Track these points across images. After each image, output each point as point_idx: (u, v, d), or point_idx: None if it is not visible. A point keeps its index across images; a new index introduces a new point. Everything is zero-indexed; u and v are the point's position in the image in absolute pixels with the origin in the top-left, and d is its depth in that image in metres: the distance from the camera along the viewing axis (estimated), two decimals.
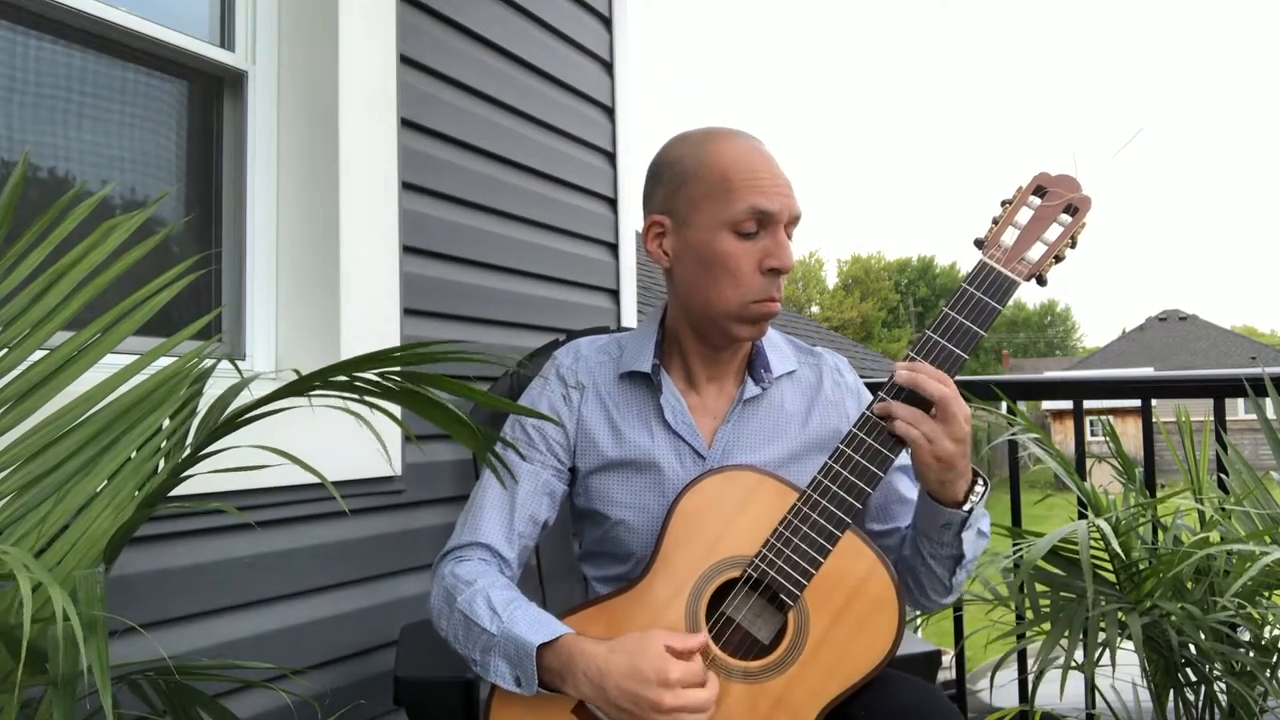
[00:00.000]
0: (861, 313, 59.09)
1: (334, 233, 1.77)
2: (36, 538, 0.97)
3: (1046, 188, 1.21)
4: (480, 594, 1.18)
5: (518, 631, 1.13)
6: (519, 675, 1.13)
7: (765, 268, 1.24)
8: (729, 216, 1.23)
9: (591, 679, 1.08)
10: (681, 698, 1.05)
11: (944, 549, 1.24)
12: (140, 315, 1.12)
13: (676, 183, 1.27)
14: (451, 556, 1.28)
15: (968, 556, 1.24)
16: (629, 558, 1.31)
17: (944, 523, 1.21)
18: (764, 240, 1.24)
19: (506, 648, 1.13)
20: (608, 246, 2.69)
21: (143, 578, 1.42)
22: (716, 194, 1.23)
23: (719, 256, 1.24)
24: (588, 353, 1.38)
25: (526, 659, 1.11)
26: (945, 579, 1.27)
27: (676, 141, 1.32)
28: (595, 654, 1.09)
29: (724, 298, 1.25)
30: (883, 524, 1.36)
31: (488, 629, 1.15)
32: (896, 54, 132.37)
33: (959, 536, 1.21)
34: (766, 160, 1.26)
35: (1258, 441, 1.97)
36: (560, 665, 1.11)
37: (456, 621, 1.19)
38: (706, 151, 1.26)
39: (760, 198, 1.22)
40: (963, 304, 1.18)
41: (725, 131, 1.29)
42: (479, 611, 1.17)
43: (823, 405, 1.36)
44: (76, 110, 1.58)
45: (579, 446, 1.33)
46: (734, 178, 1.23)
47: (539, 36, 2.42)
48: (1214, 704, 1.73)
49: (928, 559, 1.26)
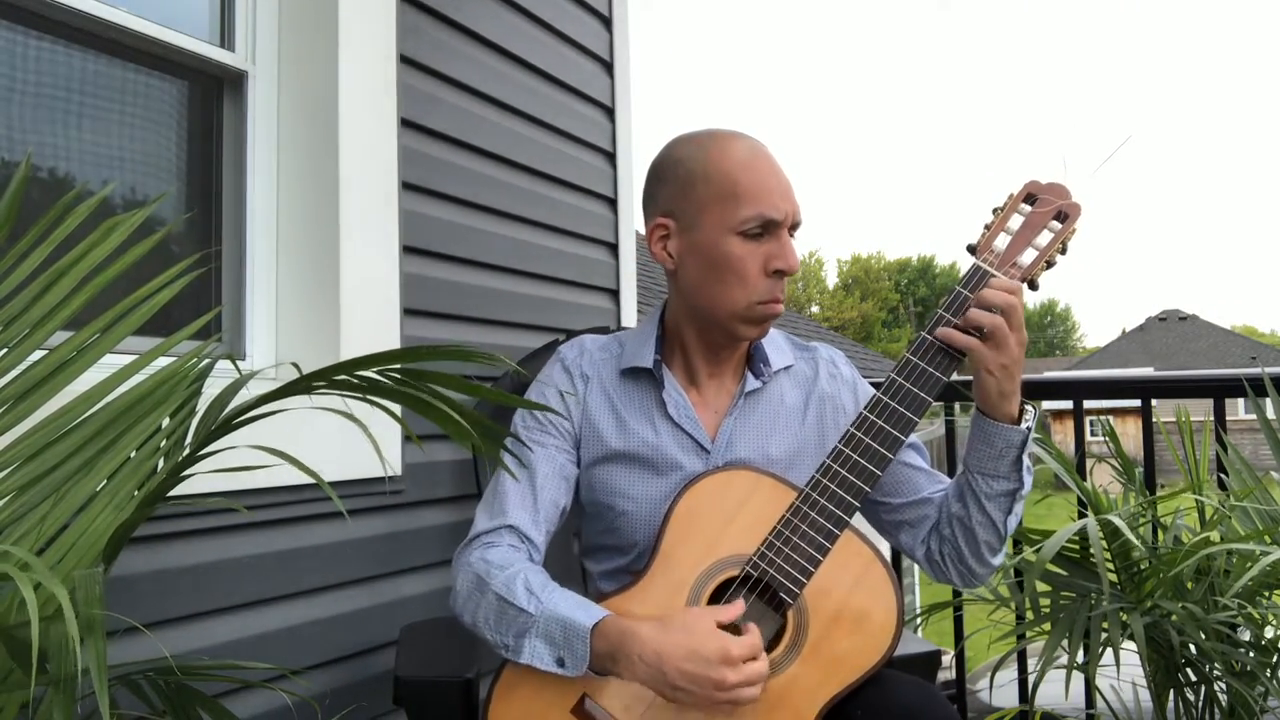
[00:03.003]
0: (861, 313, 59.09)
1: (334, 233, 1.77)
2: (36, 537, 0.97)
3: (1037, 195, 1.24)
4: (518, 576, 1.18)
5: (562, 612, 1.13)
6: (563, 655, 1.12)
7: (771, 269, 1.25)
8: (736, 222, 1.24)
9: (649, 661, 1.08)
10: (742, 672, 1.06)
11: (1001, 483, 1.23)
12: (140, 315, 1.12)
13: (682, 185, 1.28)
14: (480, 542, 1.27)
15: (1025, 488, 1.25)
16: (631, 549, 1.31)
17: (1005, 445, 1.21)
18: (769, 243, 1.25)
19: (549, 628, 1.13)
20: (608, 246, 2.69)
21: (142, 578, 1.42)
22: (724, 199, 1.24)
23: (726, 259, 1.25)
24: (591, 347, 1.40)
25: (578, 640, 1.11)
26: (1001, 523, 1.26)
27: (680, 143, 1.32)
28: (649, 637, 1.09)
29: (730, 299, 1.26)
30: (906, 497, 1.35)
31: (526, 609, 1.15)
32: (896, 54, 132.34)
33: (1017, 463, 1.22)
34: (772, 165, 1.27)
35: (1258, 441, 1.97)
36: (609, 647, 1.11)
37: (489, 606, 1.18)
38: (712, 155, 1.26)
39: (767, 206, 1.24)
40: (957, 306, 1.20)
41: (729, 134, 1.30)
42: (517, 593, 1.16)
43: (819, 397, 1.38)
44: (77, 110, 1.58)
45: (584, 436, 1.34)
46: (742, 183, 1.24)
47: (539, 36, 2.42)
48: (1214, 704, 1.73)
49: (983, 502, 1.25)
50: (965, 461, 1.27)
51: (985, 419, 1.22)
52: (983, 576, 1.32)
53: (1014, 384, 1.19)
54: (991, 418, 1.22)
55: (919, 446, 1.38)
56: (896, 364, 1.21)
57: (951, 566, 1.32)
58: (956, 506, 1.28)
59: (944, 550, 1.31)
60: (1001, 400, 1.20)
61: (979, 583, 1.35)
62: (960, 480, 1.28)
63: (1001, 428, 1.21)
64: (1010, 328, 1.16)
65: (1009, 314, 1.16)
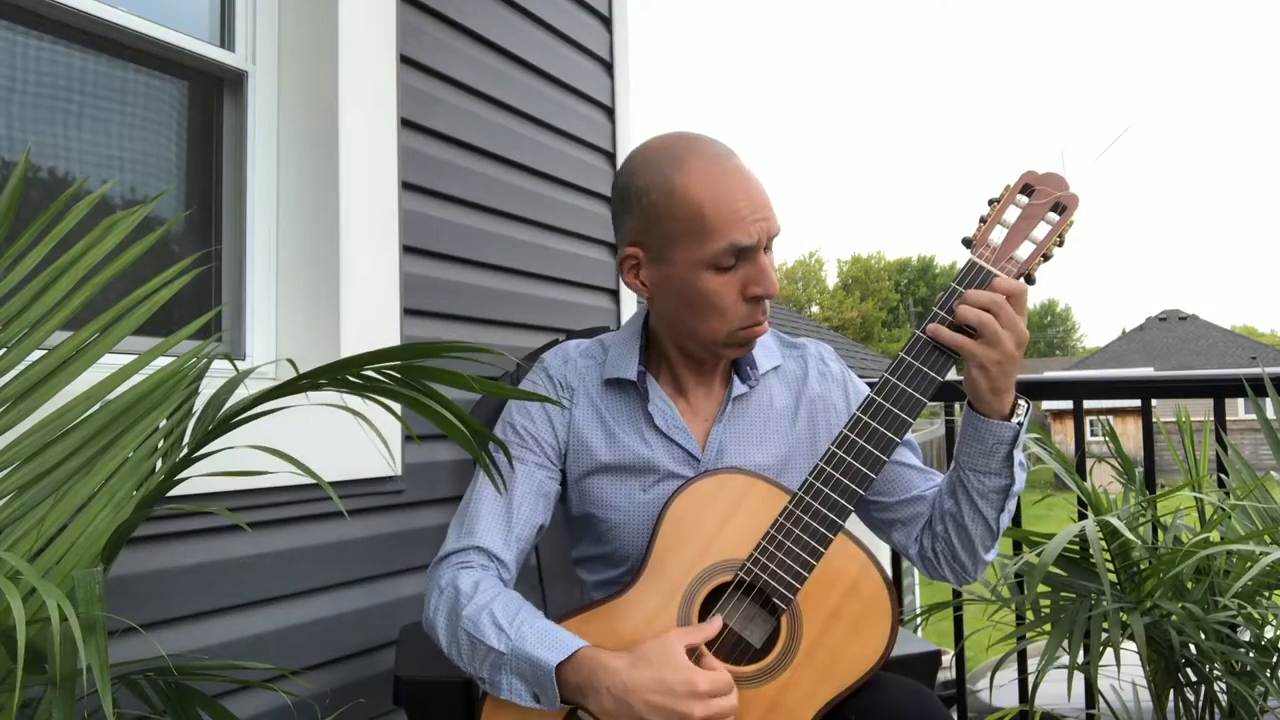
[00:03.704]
0: (861, 313, 59.09)
1: (334, 232, 1.77)
2: (35, 538, 0.97)
3: (1034, 186, 1.20)
4: (484, 611, 1.15)
5: (528, 650, 1.10)
6: (537, 693, 1.10)
7: (749, 296, 1.20)
8: (707, 255, 1.18)
9: (616, 694, 1.06)
10: (710, 707, 1.04)
11: (992, 479, 1.22)
12: (139, 314, 1.12)
13: (647, 218, 1.21)
14: (449, 562, 1.24)
15: (1017, 485, 1.23)
16: (624, 561, 1.30)
17: (995, 442, 1.19)
18: (744, 269, 1.20)
19: (520, 666, 1.11)
20: (608, 246, 2.69)
21: (141, 578, 1.42)
22: (692, 233, 1.18)
23: (701, 294, 1.20)
24: (574, 356, 1.36)
25: (545, 679, 1.08)
26: (993, 520, 1.24)
27: (642, 167, 1.23)
28: (618, 669, 1.07)
29: (709, 330, 1.23)
30: (898, 495, 1.34)
31: (496, 648, 1.12)
32: (896, 54, 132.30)
33: (1008, 459, 1.20)
34: (740, 183, 1.19)
35: (1258, 441, 1.97)
36: (581, 681, 1.08)
37: (461, 640, 1.16)
38: (676, 183, 1.18)
39: (738, 234, 1.17)
40: (950, 303, 1.17)
41: (692, 151, 1.21)
42: (484, 630, 1.13)
43: (809, 397, 1.35)
44: (76, 110, 1.58)
45: (571, 449, 1.31)
46: (709, 215, 1.17)
47: (539, 36, 2.42)
48: (1214, 704, 1.73)
49: (975, 499, 1.23)
50: (957, 457, 1.25)
51: (975, 414, 1.21)
52: (976, 573, 1.31)
53: (1007, 381, 1.16)
54: (981, 413, 1.20)
55: (911, 443, 1.36)
56: (891, 363, 1.19)
57: (945, 563, 1.31)
58: (949, 503, 1.27)
59: (937, 547, 1.30)
60: (993, 397, 1.17)
61: (973, 579, 1.33)
62: (952, 476, 1.27)
63: (991, 423, 1.19)
64: (1000, 324, 1.13)
65: (997, 311, 1.13)
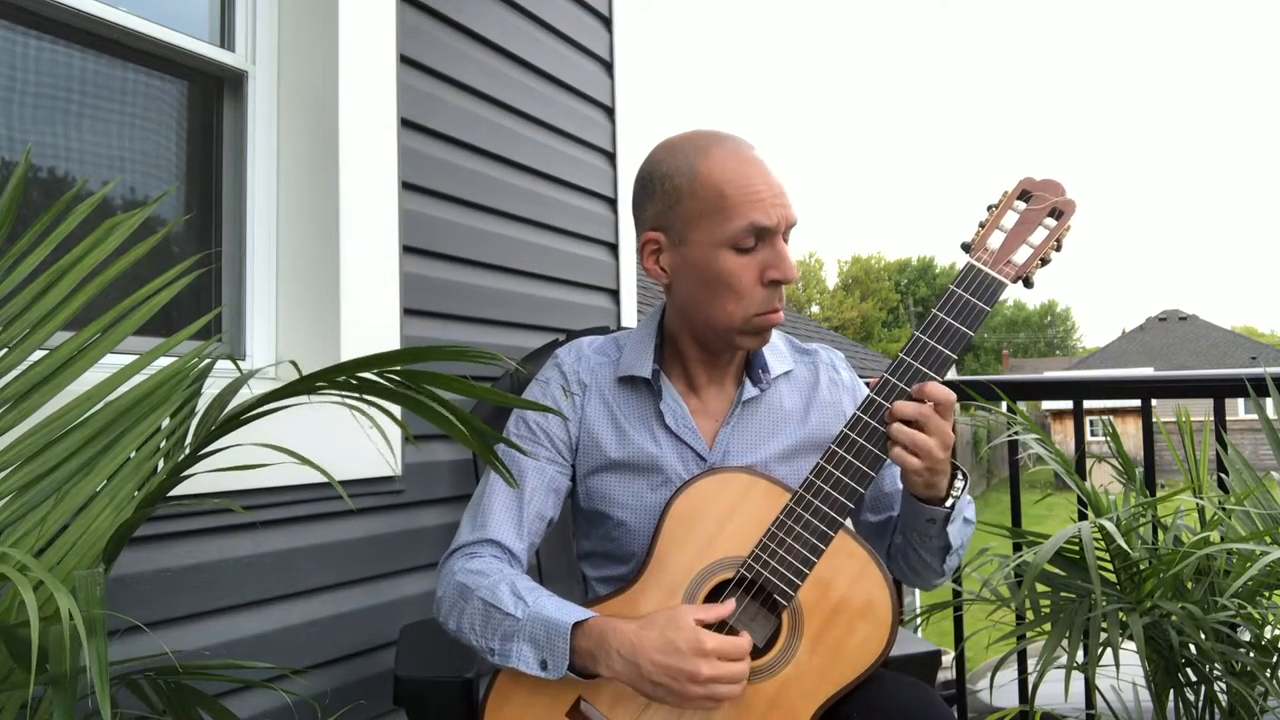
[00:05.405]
0: (861, 313, 59.11)
1: (334, 233, 1.77)
2: (36, 538, 0.97)
3: (1032, 191, 1.22)
4: (504, 582, 1.18)
5: (547, 613, 1.13)
6: (545, 658, 1.12)
7: (767, 280, 1.23)
8: (727, 235, 1.21)
9: (625, 655, 1.08)
10: (718, 667, 1.05)
11: (931, 540, 1.26)
12: (140, 315, 1.12)
13: (669, 200, 1.24)
14: (461, 553, 1.27)
15: (955, 545, 1.27)
16: (629, 558, 1.31)
17: (929, 519, 1.23)
18: (763, 252, 1.23)
19: (534, 630, 1.13)
20: (608, 246, 2.69)
21: (142, 578, 1.42)
22: (713, 212, 1.21)
23: (720, 274, 1.22)
24: (588, 353, 1.38)
25: (559, 639, 1.11)
26: (936, 565, 1.30)
27: (665, 153, 1.28)
28: (627, 630, 1.09)
29: (727, 313, 1.24)
30: (879, 514, 1.39)
31: (512, 613, 1.15)
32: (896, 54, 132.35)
33: (944, 530, 1.24)
34: (760, 170, 1.23)
35: (1258, 441, 1.97)
36: (592, 645, 1.10)
37: (474, 611, 1.18)
38: (699, 167, 1.22)
39: (758, 213, 1.20)
40: (951, 305, 1.19)
41: (715, 140, 1.26)
42: (503, 598, 1.16)
43: (820, 404, 1.37)
44: (76, 110, 1.58)
45: (581, 445, 1.33)
46: (730, 194, 1.20)
47: (539, 36, 2.42)
48: (1214, 704, 1.73)
49: (918, 549, 1.29)
50: (899, 515, 1.31)
51: (911, 498, 1.23)
52: (931, 586, 1.37)
53: (938, 477, 1.18)
54: (918, 499, 1.23)
55: None
56: (891, 363, 1.20)
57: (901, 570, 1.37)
58: (899, 540, 1.33)
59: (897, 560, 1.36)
60: (927, 490, 1.20)
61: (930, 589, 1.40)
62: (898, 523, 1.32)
63: (926, 508, 1.22)
64: (928, 432, 1.14)
65: (924, 423, 1.14)
